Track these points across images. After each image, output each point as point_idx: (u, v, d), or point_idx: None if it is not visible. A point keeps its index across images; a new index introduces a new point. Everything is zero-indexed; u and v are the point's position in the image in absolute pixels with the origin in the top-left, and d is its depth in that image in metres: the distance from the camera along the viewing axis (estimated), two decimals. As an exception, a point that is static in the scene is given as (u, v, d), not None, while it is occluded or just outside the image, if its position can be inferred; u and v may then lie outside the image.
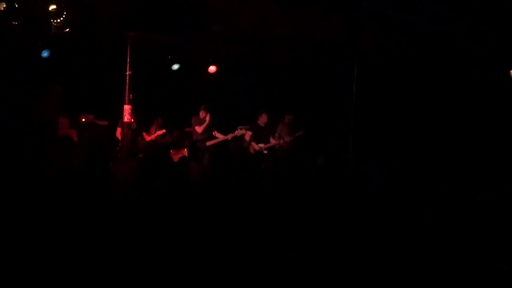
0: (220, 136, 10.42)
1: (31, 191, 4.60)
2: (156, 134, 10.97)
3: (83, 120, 11.38)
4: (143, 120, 10.96)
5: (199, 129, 10.32)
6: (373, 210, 4.76)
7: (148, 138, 10.96)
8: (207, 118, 10.32)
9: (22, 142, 8.37)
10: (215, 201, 4.73)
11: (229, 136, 10.38)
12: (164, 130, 11.03)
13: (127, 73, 9.38)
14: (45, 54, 10.13)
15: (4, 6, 7.90)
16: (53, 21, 8.14)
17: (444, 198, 5.41)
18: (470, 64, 10.85)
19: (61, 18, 8.09)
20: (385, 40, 9.54)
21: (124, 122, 9.55)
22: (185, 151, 10.32)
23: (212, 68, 12.04)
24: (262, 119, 10.66)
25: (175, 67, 11.79)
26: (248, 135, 10.61)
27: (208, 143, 10.30)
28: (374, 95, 11.55)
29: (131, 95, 9.48)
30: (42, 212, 4.12)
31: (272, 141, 10.67)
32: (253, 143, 10.49)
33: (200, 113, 10.39)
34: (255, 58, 11.81)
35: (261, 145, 10.53)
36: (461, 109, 11.70)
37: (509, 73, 10.98)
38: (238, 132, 10.44)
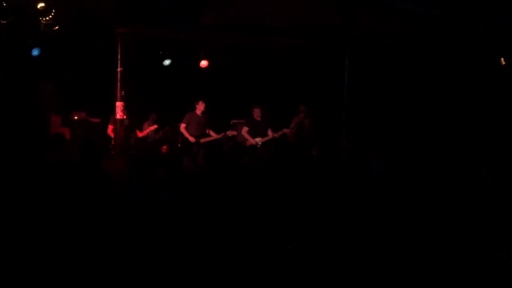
0: (213, 135, 10.33)
1: (24, 190, 4.56)
2: (148, 130, 10.92)
3: (76, 117, 11.33)
4: (135, 117, 10.93)
5: (182, 125, 10.18)
6: (369, 200, 4.74)
7: (140, 135, 10.91)
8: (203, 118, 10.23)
9: (14, 141, 8.31)
10: (209, 194, 4.70)
11: (221, 135, 10.29)
12: (156, 126, 10.97)
13: (118, 69, 9.33)
14: (35, 52, 10.06)
15: (-8, 5, 7.83)
16: (42, 19, 8.07)
17: (444, 184, 5.39)
18: (465, 49, 10.83)
19: (50, 16, 8.02)
20: (379, 26, 9.49)
21: (117, 119, 9.50)
22: (178, 147, 10.27)
23: (203, 63, 11.97)
24: (256, 113, 10.60)
25: (167, 62, 11.73)
26: (244, 130, 10.57)
27: (202, 141, 10.22)
28: (367, 84, 11.52)
29: (123, 92, 9.43)
30: (35, 210, 4.08)
31: (270, 134, 10.61)
32: (249, 138, 10.46)
33: (200, 105, 10.21)
34: (247, 50, 11.76)
35: (258, 139, 10.49)
36: (457, 94, 11.70)
37: (500, 60, 11.00)
38: (230, 133, 10.36)
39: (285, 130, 10.92)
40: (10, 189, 4.47)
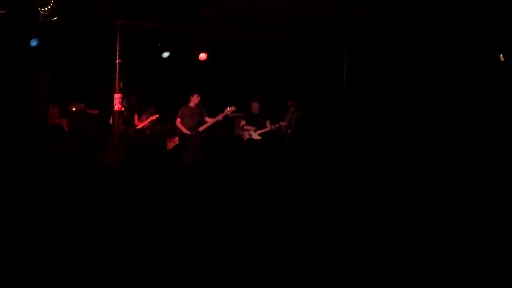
0: (210, 120, 10.32)
1: (21, 181, 4.56)
2: (149, 120, 10.93)
3: (74, 109, 11.34)
4: (133, 109, 10.96)
5: (177, 120, 10.18)
6: (366, 197, 4.75)
7: (140, 125, 10.92)
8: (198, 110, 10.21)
9: (12, 131, 8.32)
10: (209, 188, 4.70)
11: (220, 117, 10.28)
12: (157, 115, 10.99)
13: (117, 61, 9.31)
14: (33, 43, 10.03)
15: (-10, -5, 7.81)
16: (41, 10, 8.04)
17: (440, 181, 5.40)
18: (462, 46, 10.84)
19: (49, 6, 8.00)
20: (376, 23, 9.50)
21: (115, 110, 9.51)
22: (176, 139, 10.27)
23: (202, 56, 11.96)
24: (254, 107, 10.77)
25: (165, 54, 11.71)
26: (242, 123, 10.70)
27: (201, 129, 10.24)
28: (365, 80, 11.54)
29: (121, 84, 9.43)
30: (31, 202, 4.08)
31: (267, 126, 10.76)
32: (246, 131, 10.56)
33: (195, 98, 10.20)
34: (246, 44, 11.77)
35: (253, 129, 10.63)
36: (454, 92, 11.70)
37: (499, 56, 10.99)
38: (228, 110, 10.35)
39: (281, 123, 11.06)
40: (6, 181, 4.47)
